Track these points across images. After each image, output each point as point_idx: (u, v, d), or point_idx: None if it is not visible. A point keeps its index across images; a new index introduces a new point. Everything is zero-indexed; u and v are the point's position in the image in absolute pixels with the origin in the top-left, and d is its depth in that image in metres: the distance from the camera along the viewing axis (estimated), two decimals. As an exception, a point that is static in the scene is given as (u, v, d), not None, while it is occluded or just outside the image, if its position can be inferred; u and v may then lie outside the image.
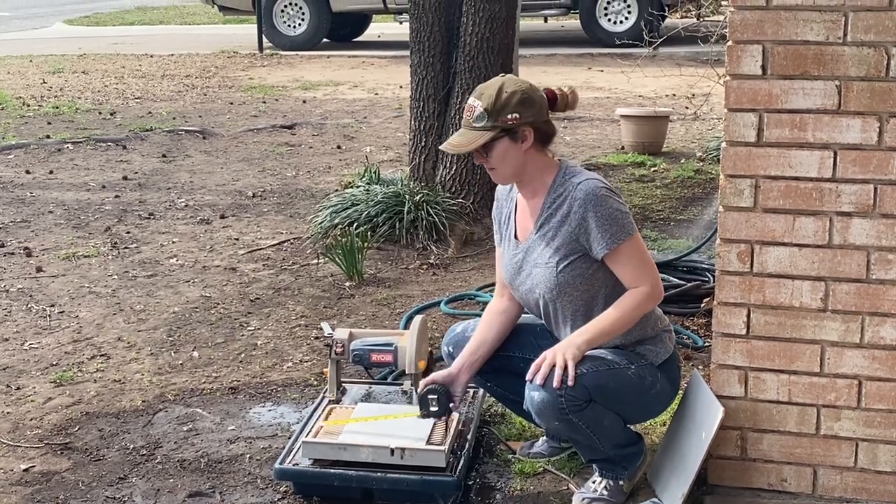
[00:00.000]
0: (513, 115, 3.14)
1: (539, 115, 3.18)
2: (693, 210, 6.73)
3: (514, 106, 3.14)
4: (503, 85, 3.17)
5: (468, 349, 3.39)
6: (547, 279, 3.20)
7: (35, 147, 9.09)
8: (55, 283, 5.54)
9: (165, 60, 15.42)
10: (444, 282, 5.46)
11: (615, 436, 3.22)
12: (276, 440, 3.74)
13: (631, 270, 3.15)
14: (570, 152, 8.61)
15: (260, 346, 4.66)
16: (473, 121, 3.17)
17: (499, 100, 3.14)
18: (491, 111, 3.14)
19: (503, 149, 3.18)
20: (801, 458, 3.14)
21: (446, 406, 3.32)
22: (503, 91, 3.15)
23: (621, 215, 3.12)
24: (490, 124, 3.14)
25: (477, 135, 3.16)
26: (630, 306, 3.14)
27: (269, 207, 7.10)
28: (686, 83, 9.91)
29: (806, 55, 2.89)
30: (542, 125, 3.20)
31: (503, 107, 3.13)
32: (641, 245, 3.18)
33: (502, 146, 3.17)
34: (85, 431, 3.87)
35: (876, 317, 2.98)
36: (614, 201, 3.12)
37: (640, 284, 3.15)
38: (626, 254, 3.12)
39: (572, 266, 3.16)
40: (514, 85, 3.18)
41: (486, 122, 3.14)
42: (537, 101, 3.18)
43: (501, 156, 3.19)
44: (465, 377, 3.38)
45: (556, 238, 3.17)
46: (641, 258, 3.17)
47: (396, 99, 11.47)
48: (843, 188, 2.94)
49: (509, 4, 6.16)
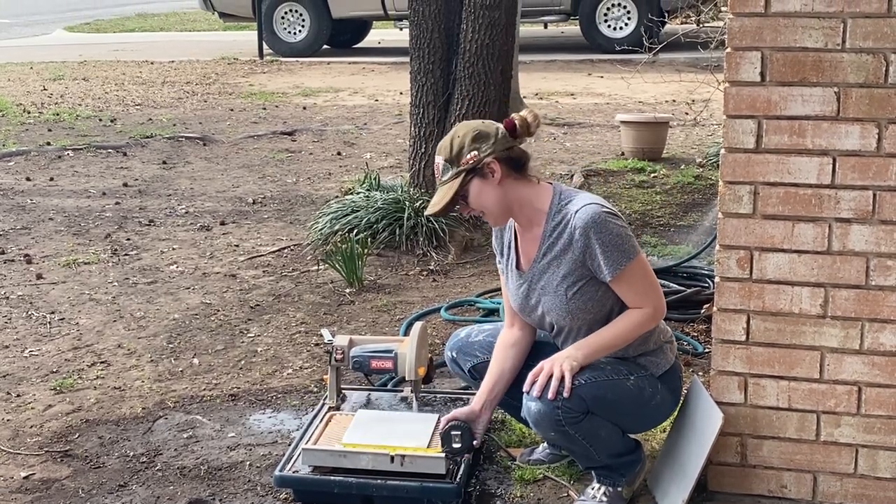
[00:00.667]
0: (471, 155, 3.13)
1: (499, 145, 3.15)
2: (693, 216, 6.73)
3: (469, 145, 3.14)
4: (455, 132, 3.19)
5: (486, 386, 3.36)
6: (558, 306, 3.20)
7: (35, 154, 9.10)
8: (55, 290, 5.55)
9: (166, 67, 15.44)
10: (444, 288, 5.46)
11: (612, 446, 3.22)
12: (276, 447, 3.74)
13: (634, 293, 3.14)
14: (570, 158, 8.62)
15: (260, 352, 4.66)
16: (441, 177, 3.19)
17: (453, 146, 3.15)
18: (451, 160, 3.15)
19: (477, 189, 3.17)
20: (801, 464, 3.14)
21: (469, 443, 3.28)
22: (455, 137, 3.17)
23: (623, 239, 3.09)
24: (455, 172, 3.15)
25: (447, 188, 3.17)
26: (632, 324, 3.15)
27: (269, 214, 7.10)
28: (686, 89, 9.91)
29: (805, 62, 2.89)
30: (505, 153, 3.16)
31: (459, 150, 3.14)
32: (645, 266, 3.16)
33: (475, 187, 3.17)
34: (85, 439, 3.87)
35: (875, 323, 2.98)
36: (615, 225, 3.10)
37: (643, 306, 3.15)
38: (629, 277, 3.11)
39: (582, 291, 3.16)
40: (464, 128, 3.19)
41: (450, 172, 3.16)
42: (491, 133, 3.16)
43: (478, 197, 3.18)
44: (487, 415, 3.37)
45: (561, 265, 3.16)
46: (644, 280, 3.15)
47: (396, 105, 11.48)
48: (842, 194, 2.94)
49: (509, 11, 6.17)
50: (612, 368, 3.17)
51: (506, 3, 6.09)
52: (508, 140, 3.18)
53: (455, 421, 3.29)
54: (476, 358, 3.46)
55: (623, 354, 3.20)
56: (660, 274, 5.17)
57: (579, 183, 7.46)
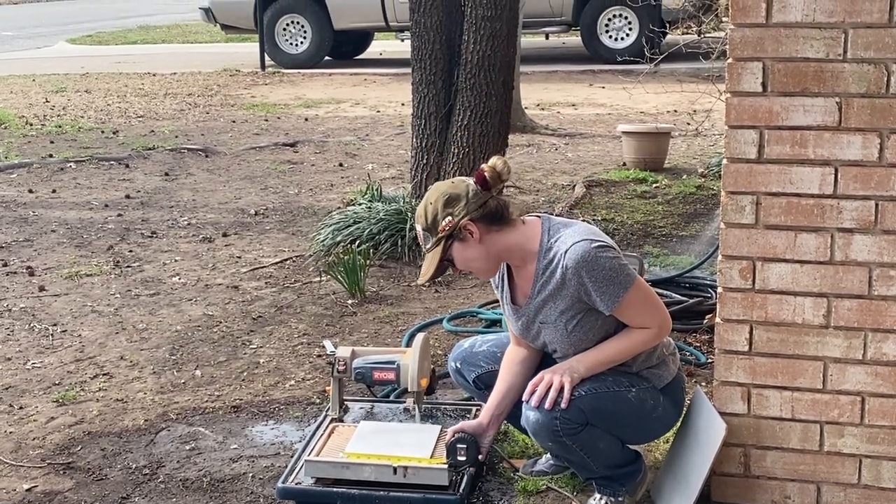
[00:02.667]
0: (445, 221, 3.13)
1: (472, 205, 3.13)
2: (695, 226, 6.73)
3: (442, 211, 3.13)
4: (427, 198, 3.19)
5: (493, 401, 3.36)
6: (559, 339, 3.20)
7: (38, 166, 9.11)
8: (58, 302, 5.55)
9: (168, 79, 15.47)
10: (447, 299, 5.46)
11: (610, 457, 3.21)
12: (279, 459, 3.74)
13: (637, 317, 3.13)
14: (572, 169, 8.63)
15: (262, 364, 4.66)
16: (424, 245, 3.21)
17: (427, 215, 3.16)
18: (429, 229, 3.16)
19: (459, 253, 3.17)
20: (804, 474, 3.13)
21: (475, 456, 3.28)
22: (428, 204, 3.17)
23: (616, 271, 3.06)
24: (435, 241, 3.16)
25: (430, 256, 3.18)
26: (637, 342, 3.15)
27: (271, 225, 7.10)
28: (687, 99, 9.93)
29: (806, 72, 2.90)
30: (479, 211, 3.14)
31: (433, 218, 3.14)
32: (643, 291, 3.13)
33: (457, 251, 3.17)
34: (87, 451, 3.87)
35: (878, 333, 2.98)
36: (605, 259, 3.05)
37: (647, 326, 3.15)
38: (628, 306, 3.10)
39: (581, 323, 3.15)
40: (435, 193, 3.18)
41: (431, 241, 3.17)
42: (462, 194, 3.14)
43: (463, 259, 3.18)
44: (494, 430, 3.38)
45: (557, 301, 3.15)
46: (645, 303, 3.13)
47: (398, 116, 11.50)
48: (844, 204, 2.94)
49: (510, 22, 6.19)
50: (614, 380, 3.17)
51: (507, 14, 6.10)
52: (481, 195, 3.15)
53: (462, 433, 3.29)
54: (480, 368, 3.46)
55: (626, 369, 3.20)
56: (662, 284, 5.19)
57: (581, 194, 7.47)
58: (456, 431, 3.31)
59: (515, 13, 6.39)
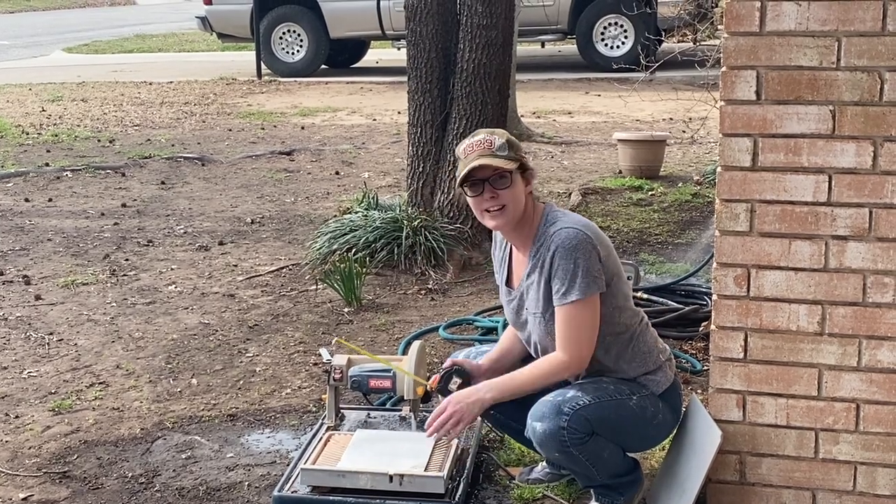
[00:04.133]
0: (521, 154, 3.20)
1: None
2: (691, 233, 6.74)
3: (517, 147, 3.20)
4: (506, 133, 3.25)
5: (493, 355, 3.45)
6: (539, 329, 3.23)
7: (34, 175, 9.11)
8: (54, 311, 5.55)
9: (164, 88, 15.47)
10: (443, 307, 5.46)
11: (613, 466, 3.22)
12: (275, 467, 3.74)
13: (563, 333, 3.13)
14: (568, 176, 8.64)
15: (258, 372, 4.66)
16: (497, 149, 3.15)
17: (510, 140, 3.20)
18: (511, 144, 3.18)
19: (517, 185, 3.18)
20: (800, 481, 3.14)
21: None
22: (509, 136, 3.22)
23: (581, 273, 3.07)
24: (515, 156, 3.17)
25: (502, 161, 3.14)
26: (546, 372, 3.17)
27: (267, 234, 7.11)
28: (683, 107, 9.95)
29: (800, 80, 2.91)
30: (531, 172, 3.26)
31: (517, 145, 3.20)
32: (588, 313, 3.11)
33: (518, 182, 3.19)
34: (83, 460, 3.87)
35: (873, 340, 2.99)
36: (581, 256, 3.07)
37: (564, 350, 3.14)
38: (567, 314, 3.11)
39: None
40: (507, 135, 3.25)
41: (508, 152, 3.16)
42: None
43: (513, 193, 3.17)
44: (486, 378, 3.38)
45: (540, 288, 3.18)
46: (579, 326, 3.12)
47: (394, 125, 11.51)
48: (838, 212, 2.95)
49: (506, 30, 6.20)
50: (615, 388, 3.18)
51: (503, 23, 6.11)
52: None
53: (460, 367, 3.37)
54: (476, 380, 3.44)
55: (624, 375, 3.21)
56: (658, 292, 5.20)
57: (577, 202, 7.48)
58: (455, 363, 3.39)
59: (511, 22, 6.40)
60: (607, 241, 3.20)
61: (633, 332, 3.24)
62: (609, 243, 3.21)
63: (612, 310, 3.19)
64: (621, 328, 3.21)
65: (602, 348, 3.20)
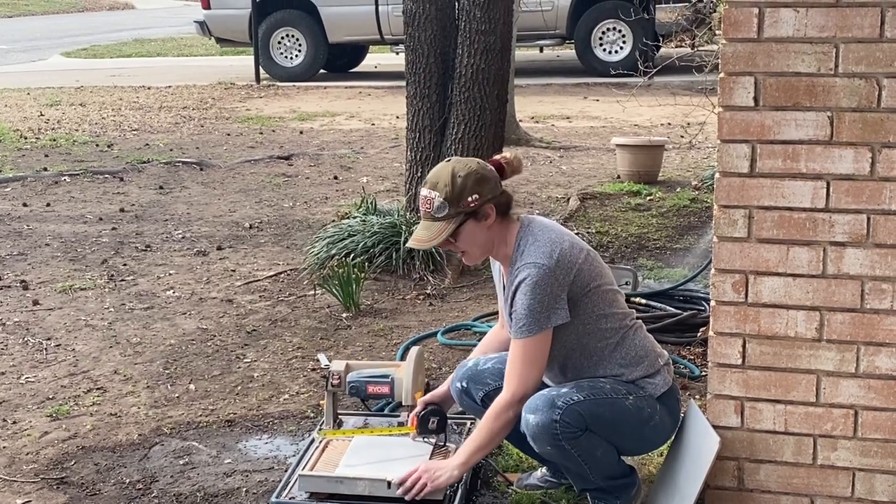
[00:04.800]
0: (473, 198, 3.15)
1: (495, 190, 3.19)
2: (689, 239, 6.74)
3: (472, 188, 3.15)
4: (454, 170, 3.17)
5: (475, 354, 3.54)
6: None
7: (32, 180, 9.11)
8: (52, 316, 5.54)
9: (163, 92, 15.47)
10: (441, 312, 5.46)
11: (607, 467, 3.22)
12: (273, 473, 3.73)
13: (511, 368, 3.18)
14: (567, 181, 8.64)
15: (256, 378, 4.65)
16: (434, 212, 3.17)
17: (455, 186, 3.14)
18: (451, 199, 3.15)
19: (469, 231, 3.19)
20: (798, 488, 3.13)
21: (444, 427, 3.50)
22: (457, 176, 3.15)
23: (536, 311, 3.10)
24: (453, 212, 3.16)
25: (442, 226, 3.17)
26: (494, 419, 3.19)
27: (265, 238, 7.10)
28: (681, 112, 9.95)
29: (798, 86, 2.91)
30: (500, 198, 3.21)
31: (461, 191, 3.14)
32: (535, 349, 3.15)
33: (468, 229, 3.19)
34: (81, 466, 3.86)
35: (871, 346, 2.98)
36: (539, 292, 3.09)
37: (508, 384, 3.18)
38: (518, 349, 3.16)
39: None
40: (464, 168, 3.18)
41: (448, 210, 3.16)
42: (491, 177, 3.20)
43: (469, 238, 3.21)
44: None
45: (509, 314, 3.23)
46: (524, 362, 3.16)
47: (393, 129, 11.51)
48: (836, 218, 2.95)
49: (504, 35, 6.20)
50: (612, 388, 3.18)
51: (501, 28, 6.12)
52: (500, 183, 3.22)
53: (431, 406, 3.47)
54: (488, 386, 3.43)
55: (622, 377, 3.21)
56: (656, 297, 5.20)
57: (575, 207, 7.48)
58: (425, 403, 3.48)
59: (509, 27, 6.41)
60: (579, 256, 3.17)
61: (621, 334, 3.24)
62: (582, 258, 3.18)
63: (594, 318, 3.20)
64: (608, 333, 3.22)
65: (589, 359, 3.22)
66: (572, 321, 3.16)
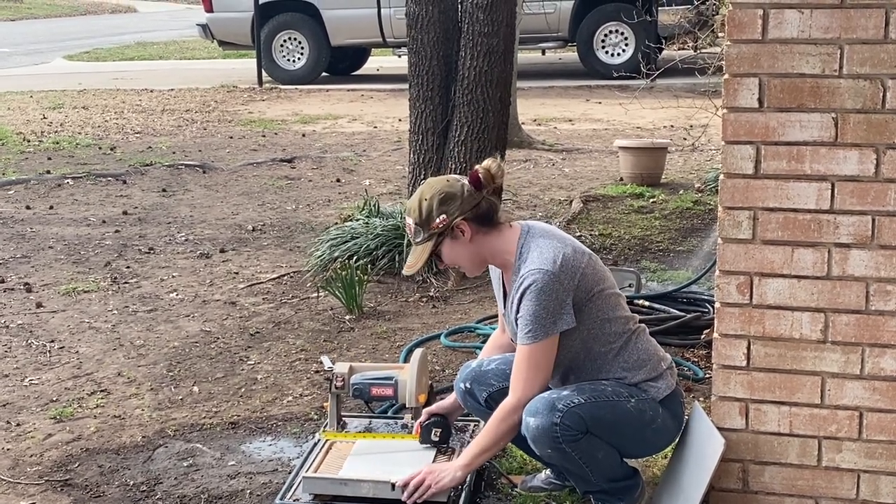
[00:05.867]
0: (440, 218, 3.19)
1: (465, 205, 3.20)
2: (692, 241, 6.74)
3: (437, 209, 3.19)
4: (421, 194, 3.25)
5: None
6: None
7: (35, 182, 9.11)
8: (55, 319, 5.54)
9: (165, 95, 15.49)
10: (444, 314, 5.46)
11: (609, 469, 3.22)
12: (277, 475, 3.73)
13: (517, 373, 3.19)
14: (569, 184, 8.64)
15: (260, 380, 4.65)
16: (414, 238, 3.27)
17: (422, 210, 3.21)
18: (421, 224, 3.22)
19: (448, 249, 3.25)
20: (803, 490, 3.13)
21: (447, 437, 3.48)
22: (422, 200, 3.22)
23: (542, 317, 3.10)
24: (427, 235, 3.22)
25: (420, 249, 3.26)
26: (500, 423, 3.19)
27: (268, 241, 7.11)
28: (684, 114, 9.96)
29: (802, 88, 2.90)
30: (473, 211, 3.21)
31: (428, 215, 3.20)
32: (541, 355, 3.16)
33: (447, 248, 3.25)
34: (85, 468, 3.86)
35: (876, 348, 2.98)
36: (545, 298, 3.10)
37: (514, 388, 3.19)
38: (524, 354, 3.16)
39: None
40: (430, 189, 3.23)
41: (422, 235, 3.23)
42: (458, 193, 3.21)
43: (452, 256, 3.28)
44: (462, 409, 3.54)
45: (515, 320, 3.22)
46: (530, 367, 3.17)
47: (395, 132, 11.52)
48: (841, 220, 2.94)
49: (507, 38, 6.20)
50: (613, 390, 3.18)
51: (504, 31, 6.12)
52: (475, 196, 3.22)
53: (435, 416, 3.46)
54: (492, 387, 3.43)
55: (624, 380, 3.21)
56: (660, 299, 5.19)
57: (578, 209, 7.48)
58: (429, 414, 3.48)
59: (512, 29, 6.41)
60: (582, 260, 3.18)
61: (625, 339, 3.23)
62: (585, 262, 3.18)
63: (599, 323, 3.20)
64: (613, 337, 3.22)
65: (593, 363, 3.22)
66: (577, 326, 3.15)
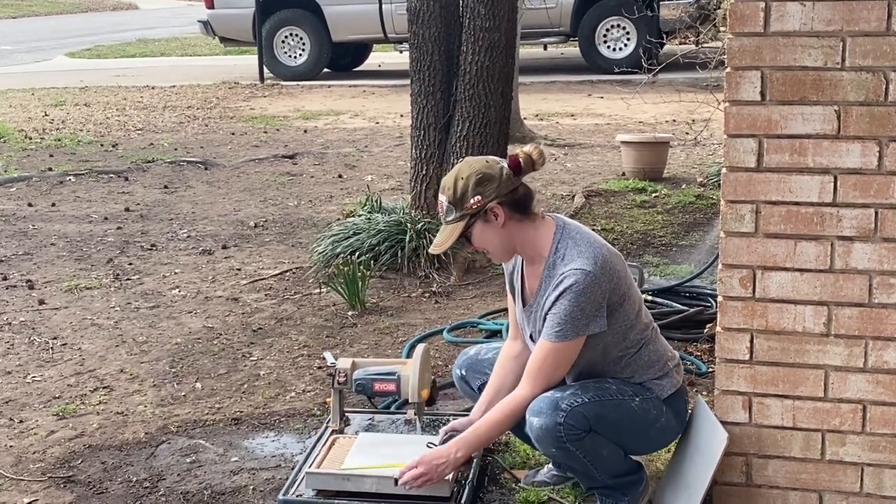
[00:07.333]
0: (474, 199, 3.14)
1: (502, 188, 3.16)
2: (695, 235, 6.73)
3: (473, 189, 3.14)
4: (458, 172, 3.19)
5: (485, 398, 3.39)
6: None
7: (37, 179, 9.11)
8: (57, 316, 5.54)
9: (167, 92, 15.48)
10: (447, 310, 5.45)
11: (613, 466, 3.22)
12: (280, 471, 3.73)
13: (536, 366, 3.16)
14: (571, 178, 8.63)
15: (263, 376, 4.65)
16: (445, 216, 3.21)
17: (457, 189, 3.15)
18: (455, 202, 3.16)
19: (479, 232, 3.19)
20: (806, 483, 3.13)
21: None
22: (459, 179, 3.16)
23: (577, 318, 3.08)
24: (459, 215, 3.16)
25: (451, 228, 3.19)
26: (510, 412, 3.18)
27: (270, 237, 7.10)
28: (686, 109, 9.94)
29: (804, 81, 2.90)
30: (509, 196, 3.17)
31: (463, 194, 3.14)
32: (565, 355, 3.14)
33: (478, 230, 3.19)
34: (88, 464, 3.86)
35: (879, 341, 2.98)
36: (585, 300, 3.07)
37: (531, 380, 3.16)
38: (548, 350, 3.14)
39: None
40: (468, 168, 3.18)
41: (454, 214, 3.17)
42: (496, 175, 3.16)
43: (482, 239, 3.21)
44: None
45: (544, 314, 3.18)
46: (554, 364, 3.15)
47: (397, 128, 11.51)
48: (843, 213, 2.94)
49: (509, 33, 6.19)
50: (617, 388, 3.18)
51: (505, 26, 6.11)
52: (513, 180, 3.18)
53: (454, 432, 3.34)
54: (486, 376, 3.45)
55: (629, 379, 3.21)
56: (662, 294, 5.19)
57: (580, 204, 7.47)
58: (448, 430, 3.37)
59: (514, 24, 6.40)
60: (617, 264, 3.17)
61: (643, 343, 3.23)
62: (620, 265, 3.17)
63: (624, 328, 3.19)
64: (632, 342, 3.21)
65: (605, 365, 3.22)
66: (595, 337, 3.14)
